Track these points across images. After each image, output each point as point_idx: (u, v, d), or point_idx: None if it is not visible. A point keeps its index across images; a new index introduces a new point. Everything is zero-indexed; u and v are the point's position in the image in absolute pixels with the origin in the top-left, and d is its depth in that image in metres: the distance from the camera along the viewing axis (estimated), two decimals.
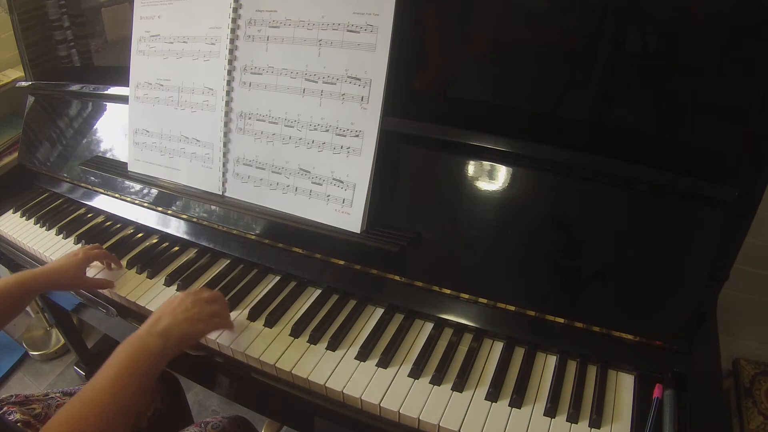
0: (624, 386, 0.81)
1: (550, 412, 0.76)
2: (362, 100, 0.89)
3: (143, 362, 0.70)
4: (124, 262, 1.09)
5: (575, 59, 0.85)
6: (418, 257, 0.90)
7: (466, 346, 0.87)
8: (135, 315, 1.01)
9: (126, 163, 1.19)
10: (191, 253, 1.11)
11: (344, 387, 0.81)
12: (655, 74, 0.80)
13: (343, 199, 0.93)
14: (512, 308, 0.86)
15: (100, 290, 1.04)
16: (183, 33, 1.07)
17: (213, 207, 1.07)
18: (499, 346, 0.87)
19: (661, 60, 0.79)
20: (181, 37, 1.07)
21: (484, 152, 0.86)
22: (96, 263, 1.07)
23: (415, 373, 0.82)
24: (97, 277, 1.05)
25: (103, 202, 1.26)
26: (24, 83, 1.42)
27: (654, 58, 0.79)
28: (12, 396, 0.91)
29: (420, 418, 0.76)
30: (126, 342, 0.72)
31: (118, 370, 0.68)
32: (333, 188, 0.94)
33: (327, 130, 0.93)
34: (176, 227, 1.14)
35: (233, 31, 0.99)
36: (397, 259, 0.90)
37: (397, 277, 0.92)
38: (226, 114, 1.03)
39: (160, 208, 1.16)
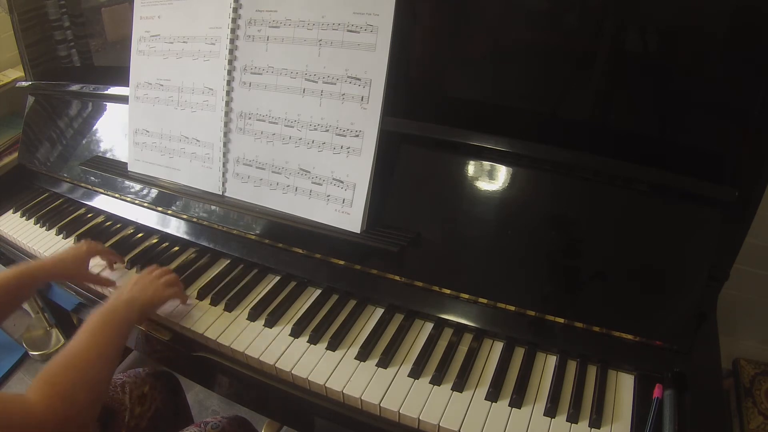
0: (624, 386, 0.81)
1: (550, 412, 0.76)
2: (362, 100, 0.89)
3: (111, 323, 0.80)
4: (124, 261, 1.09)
5: (575, 59, 0.85)
6: (418, 257, 0.90)
7: (466, 346, 0.87)
8: None
9: (126, 163, 1.19)
10: (191, 253, 1.11)
11: (344, 387, 0.81)
12: (656, 74, 0.80)
13: (343, 199, 0.93)
14: (512, 308, 0.86)
15: (101, 289, 1.04)
16: (183, 33, 1.07)
17: (213, 207, 1.07)
18: (499, 346, 0.87)
19: (661, 60, 0.79)
20: (181, 37, 1.07)
21: (484, 152, 0.87)
22: (99, 261, 1.07)
23: (415, 373, 0.82)
24: (100, 274, 1.05)
25: (103, 202, 1.26)
26: (24, 83, 1.42)
27: (654, 58, 0.79)
28: None
29: (420, 418, 0.76)
30: (95, 311, 0.81)
31: (93, 327, 0.78)
32: (333, 188, 0.94)
33: (327, 130, 0.93)
34: (176, 227, 1.14)
35: (233, 31, 0.99)
36: (397, 259, 0.90)
37: (397, 277, 0.92)
38: (226, 114, 1.03)
39: (160, 208, 1.16)
